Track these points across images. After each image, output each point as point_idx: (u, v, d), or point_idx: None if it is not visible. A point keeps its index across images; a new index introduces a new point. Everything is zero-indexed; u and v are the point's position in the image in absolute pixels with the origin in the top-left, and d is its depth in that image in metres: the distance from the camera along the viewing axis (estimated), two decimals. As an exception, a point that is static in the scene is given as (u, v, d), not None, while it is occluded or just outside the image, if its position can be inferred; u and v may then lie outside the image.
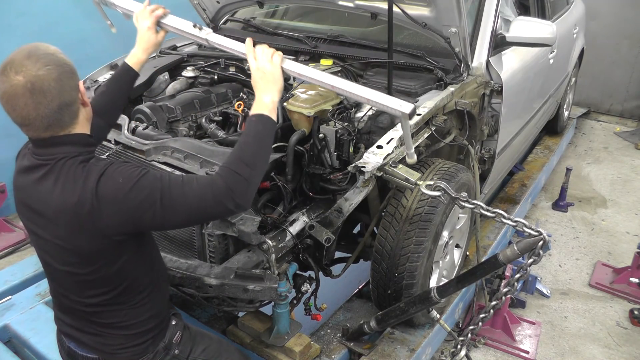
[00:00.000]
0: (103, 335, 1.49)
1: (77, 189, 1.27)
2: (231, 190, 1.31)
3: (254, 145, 1.40)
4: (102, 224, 1.28)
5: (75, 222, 1.29)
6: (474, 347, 2.70)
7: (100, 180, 1.27)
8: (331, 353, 2.25)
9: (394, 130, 2.03)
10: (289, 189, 2.01)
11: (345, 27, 2.86)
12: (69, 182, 1.28)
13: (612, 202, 4.20)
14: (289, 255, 2.01)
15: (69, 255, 1.35)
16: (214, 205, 1.31)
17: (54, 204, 1.30)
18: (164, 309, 1.60)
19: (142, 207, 1.28)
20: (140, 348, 1.53)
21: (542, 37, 2.67)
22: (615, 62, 5.77)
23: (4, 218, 3.61)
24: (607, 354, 2.70)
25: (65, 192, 1.28)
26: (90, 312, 1.46)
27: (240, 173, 1.33)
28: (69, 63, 1.33)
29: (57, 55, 1.32)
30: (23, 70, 1.25)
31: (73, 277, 1.40)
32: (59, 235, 1.33)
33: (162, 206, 1.28)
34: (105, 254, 1.35)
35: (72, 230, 1.30)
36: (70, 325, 1.53)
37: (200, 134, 2.23)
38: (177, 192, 1.29)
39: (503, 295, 1.74)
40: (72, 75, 1.32)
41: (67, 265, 1.38)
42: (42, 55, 1.30)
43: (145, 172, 1.31)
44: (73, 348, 1.55)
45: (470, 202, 1.77)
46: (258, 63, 1.55)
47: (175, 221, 1.35)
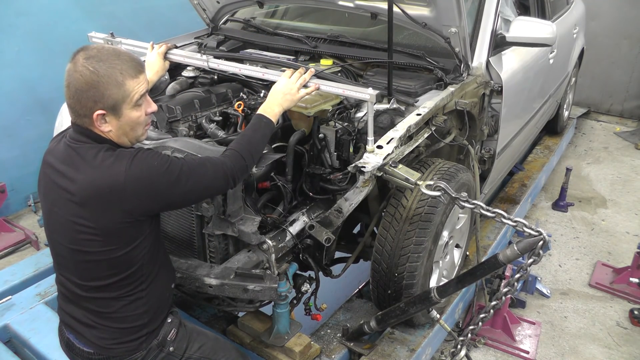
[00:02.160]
0: (98, 328, 1.52)
1: (108, 170, 1.37)
2: (236, 171, 1.57)
3: (259, 140, 1.69)
4: (133, 203, 1.38)
5: (104, 201, 1.37)
6: (474, 347, 2.70)
7: (133, 163, 1.38)
8: (331, 353, 2.25)
9: (394, 130, 2.03)
10: (289, 189, 2.01)
11: (345, 27, 2.86)
12: (98, 163, 1.38)
13: (612, 202, 4.20)
14: (289, 255, 2.01)
15: (85, 233, 1.41)
16: (222, 182, 1.55)
17: (82, 182, 1.38)
18: (161, 306, 1.61)
19: (172, 186, 1.43)
20: (133, 344, 1.55)
21: (542, 37, 2.67)
22: (615, 62, 5.77)
23: (4, 218, 3.61)
24: (607, 354, 2.70)
25: (94, 172, 1.38)
26: (88, 297, 1.50)
27: (246, 159, 1.61)
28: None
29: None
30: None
31: (80, 256, 1.45)
32: (80, 214, 1.39)
33: (186, 185, 1.46)
34: (123, 234, 1.42)
35: (97, 209, 1.38)
36: (70, 315, 1.56)
37: (200, 134, 2.23)
38: (198, 173, 1.49)
39: (503, 295, 1.74)
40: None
41: (77, 244, 1.43)
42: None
43: (171, 157, 1.48)
44: (72, 340, 1.58)
45: (470, 202, 1.77)
46: (291, 82, 1.87)
47: (193, 198, 1.58)
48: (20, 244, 3.45)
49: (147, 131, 1.57)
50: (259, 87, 2.44)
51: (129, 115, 1.43)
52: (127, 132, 1.46)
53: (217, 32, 3.12)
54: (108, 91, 1.36)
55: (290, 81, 1.87)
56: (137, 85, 1.42)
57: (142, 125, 1.49)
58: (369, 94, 1.82)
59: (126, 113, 1.42)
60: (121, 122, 1.43)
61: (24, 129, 3.69)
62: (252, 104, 2.26)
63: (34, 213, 3.85)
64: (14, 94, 3.62)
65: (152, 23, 4.34)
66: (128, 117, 1.43)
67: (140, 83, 1.43)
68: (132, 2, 4.24)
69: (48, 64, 3.73)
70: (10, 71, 3.58)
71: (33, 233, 3.48)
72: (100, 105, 1.37)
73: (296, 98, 1.85)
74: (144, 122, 1.50)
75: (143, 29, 4.20)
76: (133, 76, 1.41)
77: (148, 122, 1.53)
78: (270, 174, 1.97)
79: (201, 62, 2.33)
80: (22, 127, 3.68)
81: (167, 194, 1.43)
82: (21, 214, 3.84)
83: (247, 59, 2.66)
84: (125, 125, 1.44)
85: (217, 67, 2.29)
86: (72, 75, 1.37)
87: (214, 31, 3.14)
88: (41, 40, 3.68)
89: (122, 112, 1.41)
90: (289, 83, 1.86)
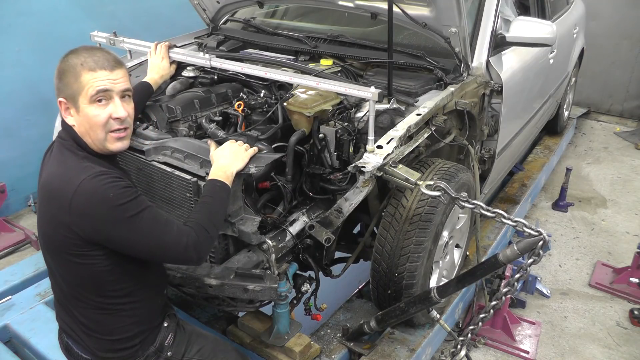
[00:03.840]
0: (90, 337, 1.51)
1: (65, 176, 1.36)
2: (200, 245, 1.46)
3: (220, 209, 1.60)
4: (74, 221, 1.33)
5: (51, 204, 1.37)
6: (474, 347, 2.70)
7: (90, 181, 1.32)
8: (331, 353, 2.25)
9: (394, 130, 2.03)
10: (289, 189, 2.01)
11: (345, 27, 2.86)
12: (68, 163, 1.39)
13: (612, 202, 4.20)
14: (289, 255, 2.01)
15: (47, 234, 1.42)
16: (182, 251, 1.42)
17: (44, 178, 1.41)
18: (152, 316, 1.59)
19: (117, 224, 1.34)
20: (128, 352, 1.54)
21: (542, 37, 2.67)
22: (615, 62, 5.77)
23: (4, 218, 3.61)
24: (607, 354, 2.70)
25: (54, 170, 1.39)
26: (71, 305, 1.50)
27: (210, 232, 1.50)
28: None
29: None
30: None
31: (51, 258, 1.47)
32: (42, 212, 1.41)
33: (137, 232, 1.36)
34: (71, 249, 1.37)
35: (49, 210, 1.38)
36: (63, 321, 1.56)
37: (200, 134, 2.23)
38: (159, 228, 1.39)
39: (503, 295, 1.74)
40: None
41: (48, 245, 1.45)
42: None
43: (138, 198, 1.37)
44: (70, 344, 1.58)
45: (470, 202, 1.77)
46: (237, 144, 1.80)
47: (139, 248, 1.40)
48: (20, 244, 3.45)
49: (119, 142, 1.45)
50: (259, 87, 2.44)
51: (85, 111, 1.40)
52: (88, 130, 1.42)
53: (217, 32, 3.12)
54: (66, 79, 1.40)
55: (235, 144, 1.80)
56: (94, 79, 1.38)
57: (101, 128, 1.41)
58: (371, 92, 1.84)
59: (82, 107, 1.40)
60: (80, 117, 1.41)
61: (24, 129, 3.69)
62: (252, 104, 2.27)
63: (34, 213, 3.84)
64: (14, 94, 3.62)
65: (152, 23, 4.34)
66: (85, 113, 1.40)
67: (98, 78, 1.38)
68: (132, 2, 4.24)
69: (48, 64, 3.68)
70: (10, 71, 3.57)
71: (33, 233, 3.48)
72: (62, 94, 1.41)
73: (246, 156, 1.77)
74: (105, 125, 1.41)
75: (143, 29, 4.19)
76: (91, 69, 1.38)
77: (114, 127, 1.43)
78: (270, 174, 1.97)
79: (203, 61, 2.34)
80: (22, 127, 3.68)
81: (109, 229, 1.33)
82: (21, 214, 3.84)
83: (247, 59, 2.66)
84: (84, 122, 1.41)
85: (219, 66, 2.30)
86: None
87: (214, 31, 3.14)
88: (41, 40, 3.67)
89: (79, 106, 1.40)
90: (235, 145, 1.79)
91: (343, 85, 1.96)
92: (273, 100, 2.31)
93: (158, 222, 1.39)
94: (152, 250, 1.41)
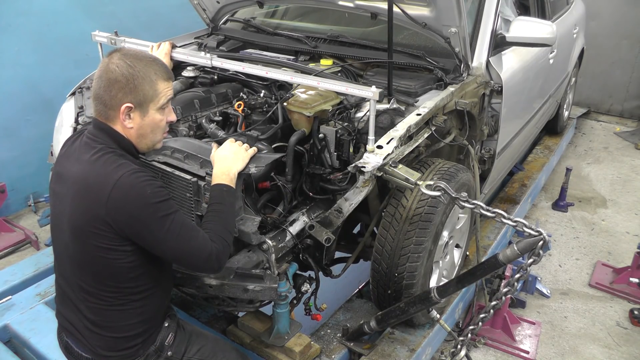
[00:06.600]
0: (92, 335, 1.52)
1: (103, 171, 1.37)
2: (221, 254, 1.50)
3: (231, 214, 1.62)
4: (110, 215, 1.35)
5: (88, 199, 1.37)
6: (474, 347, 2.70)
7: (129, 177, 1.36)
8: (331, 353, 2.25)
9: (394, 130, 2.03)
10: (289, 189, 2.01)
11: (345, 27, 2.86)
12: (100, 161, 1.39)
13: (612, 202, 4.20)
14: (289, 255, 2.01)
15: (73, 230, 1.42)
16: (205, 258, 1.45)
17: (76, 175, 1.41)
18: (157, 316, 1.60)
19: (151, 222, 1.37)
20: (129, 351, 1.55)
21: (542, 37, 2.67)
22: (615, 62, 5.77)
23: (4, 218, 3.61)
24: (607, 354, 2.70)
25: (90, 168, 1.39)
26: (80, 301, 1.50)
27: (228, 241, 1.54)
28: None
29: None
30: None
31: (69, 253, 1.47)
32: (71, 208, 1.41)
33: (167, 233, 1.39)
34: (102, 243, 1.39)
35: (82, 205, 1.39)
36: (66, 319, 1.56)
37: (200, 134, 2.23)
38: (187, 233, 1.42)
39: (503, 295, 1.74)
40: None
41: (67, 240, 1.46)
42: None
43: (169, 201, 1.42)
44: (70, 343, 1.58)
45: (470, 202, 1.77)
46: (236, 144, 1.77)
47: (166, 251, 1.44)
48: (20, 244, 3.46)
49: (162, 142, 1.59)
50: (259, 87, 2.44)
51: (153, 116, 1.47)
52: (147, 133, 1.49)
53: (217, 32, 3.12)
54: (141, 86, 1.41)
55: (235, 144, 1.78)
56: (167, 89, 1.48)
57: (161, 131, 1.52)
58: (372, 91, 1.84)
59: (151, 113, 1.46)
60: (144, 122, 1.46)
61: (24, 129, 3.69)
62: (252, 104, 2.27)
63: (34, 213, 3.85)
64: (14, 94, 3.62)
65: (152, 23, 4.34)
66: (152, 118, 1.47)
67: (169, 88, 1.49)
68: (132, 2, 4.24)
69: (48, 64, 3.73)
70: (10, 71, 3.58)
71: (33, 233, 3.48)
72: (130, 99, 1.41)
73: (247, 156, 1.76)
74: (164, 129, 1.53)
75: (143, 29, 4.20)
76: (165, 79, 1.47)
77: (166, 130, 1.56)
78: (270, 174, 1.97)
79: (205, 61, 2.33)
80: (22, 127, 3.68)
81: (141, 224, 1.37)
82: (21, 214, 3.84)
83: (247, 59, 2.66)
84: (147, 126, 1.47)
85: (220, 65, 2.29)
86: (107, 67, 1.41)
87: (214, 31, 3.14)
88: (41, 40, 3.67)
89: (147, 111, 1.45)
90: (235, 145, 1.77)
91: (344, 85, 1.96)
92: (273, 100, 2.31)
93: (187, 227, 1.43)
94: (177, 253, 1.44)
